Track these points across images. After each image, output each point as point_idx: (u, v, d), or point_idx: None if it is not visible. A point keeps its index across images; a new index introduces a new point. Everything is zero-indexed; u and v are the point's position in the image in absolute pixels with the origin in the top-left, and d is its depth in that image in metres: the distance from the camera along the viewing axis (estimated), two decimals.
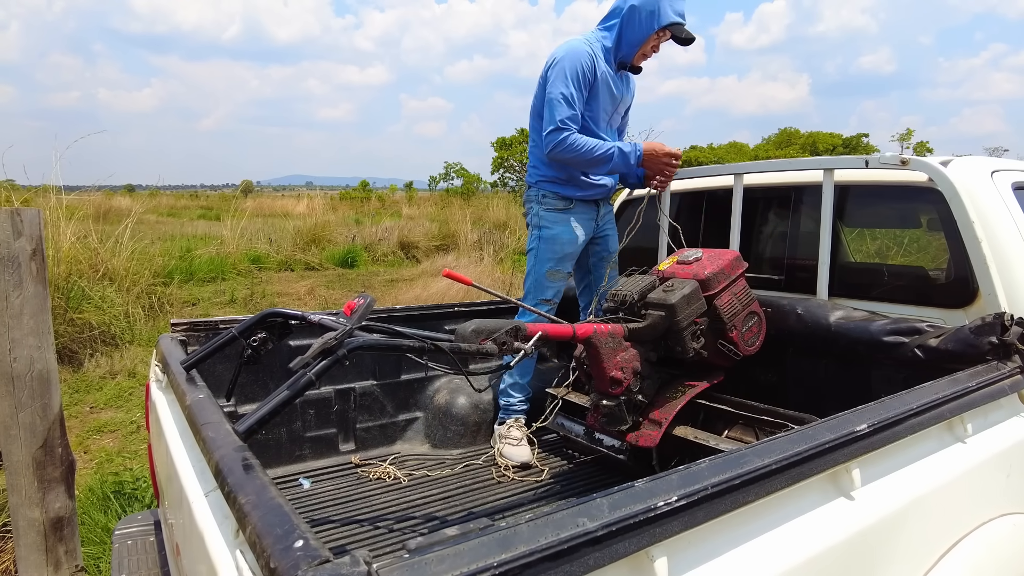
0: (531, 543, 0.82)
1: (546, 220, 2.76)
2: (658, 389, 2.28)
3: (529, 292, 2.79)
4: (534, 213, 2.80)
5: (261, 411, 1.22)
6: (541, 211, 2.77)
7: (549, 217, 2.75)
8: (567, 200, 2.76)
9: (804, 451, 1.18)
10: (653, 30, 2.64)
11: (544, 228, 2.76)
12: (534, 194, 2.81)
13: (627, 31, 2.67)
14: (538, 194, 2.79)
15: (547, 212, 2.76)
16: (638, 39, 2.68)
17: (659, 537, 0.94)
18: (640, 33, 2.66)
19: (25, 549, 2.22)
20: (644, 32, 2.65)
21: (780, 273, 2.65)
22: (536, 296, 2.75)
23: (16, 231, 2.12)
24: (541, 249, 2.76)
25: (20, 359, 2.15)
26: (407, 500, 2.32)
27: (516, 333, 1.75)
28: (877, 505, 1.28)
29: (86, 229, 6.77)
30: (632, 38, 2.68)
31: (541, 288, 2.76)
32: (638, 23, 2.64)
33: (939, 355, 1.94)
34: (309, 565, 0.77)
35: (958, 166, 2.09)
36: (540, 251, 2.77)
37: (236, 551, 0.99)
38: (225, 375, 2.27)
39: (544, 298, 2.75)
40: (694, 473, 1.04)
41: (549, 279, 2.75)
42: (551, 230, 2.75)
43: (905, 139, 27.49)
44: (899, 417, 1.37)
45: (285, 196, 32.14)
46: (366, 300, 1.50)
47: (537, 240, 2.78)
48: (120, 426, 4.44)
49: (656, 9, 2.61)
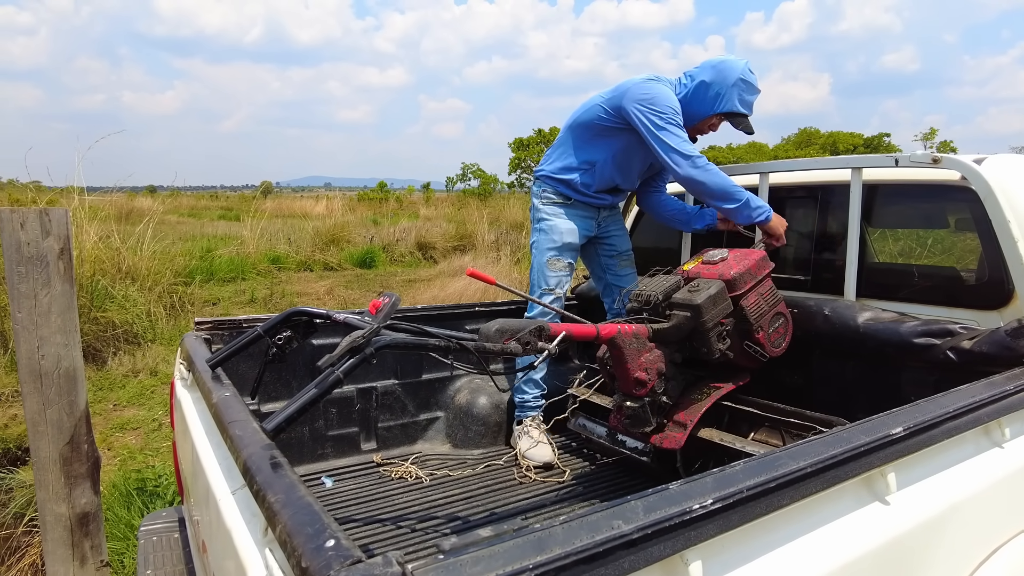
0: (566, 545, 0.80)
1: (544, 212, 2.82)
2: (683, 390, 2.26)
3: (534, 284, 2.83)
4: (534, 207, 2.89)
5: (289, 409, 1.22)
6: (540, 204, 2.84)
7: (547, 210, 2.82)
8: (565, 197, 2.80)
9: (839, 454, 1.15)
10: (714, 112, 2.60)
11: (543, 220, 2.82)
12: (536, 189, 2.89)
13: (692, 102, 2.60)
14: (539, 189, 2.86)
15: (545, 205, 2.82)
16: (698, 115, 2.62)
17: (694, 540, 0.92)
18: (701, 109, 2.60)
19: (52, 544, 2.24)
20: (706, 110, 2.60)
21: (806, 274, 2.61)
22: (540, 286, 2.78)
23: (45, 231, 2.14)
24: (540, 239, 2.82)
25: (48, 356, 2.17)
26: (429, 500, 2.31)
27: (540, 333, 1.73)
28: (913, 511, 1.26)
29: (108, 229, 6.86)
30: (692, 111, 2.61)
31: (543, 277, 2.78)
32: (703, 100, 2.59)
33: (973, 358, 1.90)
34: (342, 565, 0.76)
35: (993, 164, 2.04)
36: (539, 241, 2.83)
37: (265, 549, 0.99)
38: (249, 373, 2.28)
39: (547, 287, 2.77)
40: (729, 476, 1.02)
41: (550, 268, 2.78)
42: (549, 221, 2.81)
43: (928, 138, 27.09)
44: (935, 420, 1.34)
45: (304, 197, 32.39)
46: (391, 299, 1.49)
47: (537, 232, 2.85)
48: (142, 424, 4.49)
49: (724, 94, 2.55)
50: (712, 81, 2.55)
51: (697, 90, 2.59)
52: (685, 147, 2.49)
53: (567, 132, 2.83)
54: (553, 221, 2.80)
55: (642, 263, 2.92)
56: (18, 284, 2.11)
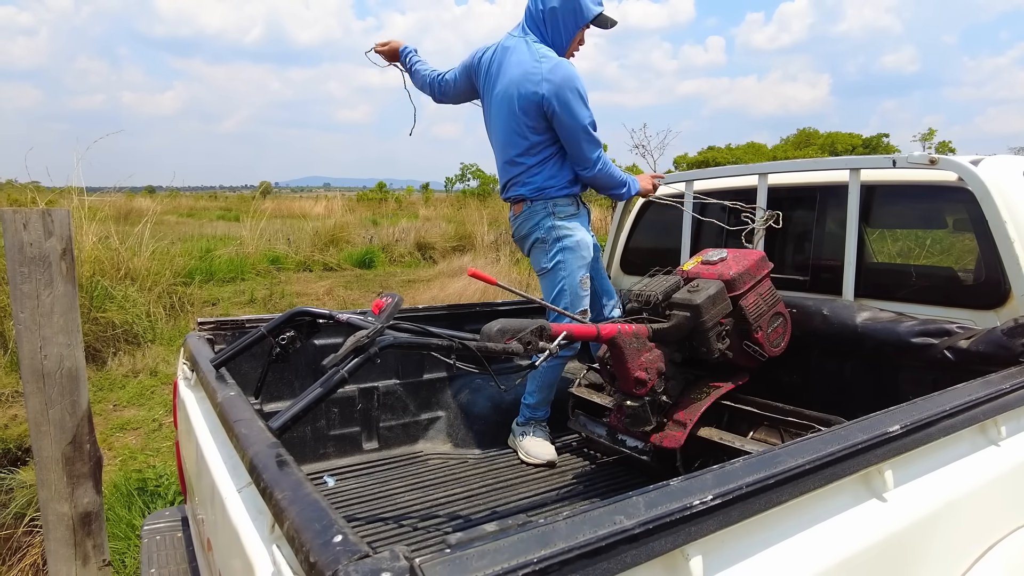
0: (569, 540, 0.82)
1: (565, 229, 2.58)
2: (682, 390, 2.27)
3: (568, 309, 2.56)
4: (548, 227, 2.58)
5: (295, 408, 1.23)
6: (556, 222, 2.58)
7: (567, 225, 2.58)
8: (575, 199, 2.65)
9: (837, 451, 1.17)
10: (579, 28, 2.55)
11: (566, 237, 2.57)
12: (541, 206, 2.59)
13: (553, 34, 2.55)
14: (547, 205, 2.58)
15: (563, 221, 2.58)
16: (565, 40, 2.56)
17: (694, 536, 0.94)
18: (567, 34, 2.55)
19: (55, 543, 2.25)
20: (571, 33, 2.55)
21: (805, 274, 2.63)
22: (574, 310, 2.58)
23: (47, 231, 2.15)
24: (568, 260, 2.57)
25: (50, 356, 2.18)
26: (431, 499, 2.32)
27: (541, 332, 1.75)
28: (910, 507, 1.27)
29: (108, 230, 6.87)
30: (558, 40, 2.55)
31: (577, 300, 2.60)
32: (563, 25, 2.53)
33: (970, 357, 1.92)
34: (349, 560, 0.78)
35: (989, 165, 2.06)
36: (568, 262, 2.57)
37: (272, 546, 1.00)
38: (251, 373, 2.29)
39: (582, 309, 2.61)
40: (728, 472, 1.03)
41: (583, 288, 2.60)
42: (573, 236, 2.57)
43: (927, 139, 27.08)
44: (932, 418, 1.35)
45: (303, 197, 32.38)
46: (394, 299, 1.51)
47: (561, 252, 2.57)
48: (143, 424, 4.50)
49: (577, 6, 2.51)
50: (561, 3, 2.51)
51: (551, 19, 2.53)
52: None
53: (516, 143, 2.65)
54: (577, 236, 2.58)
55: (642, 263, 2.93)
56: (21, 284, 2.11)
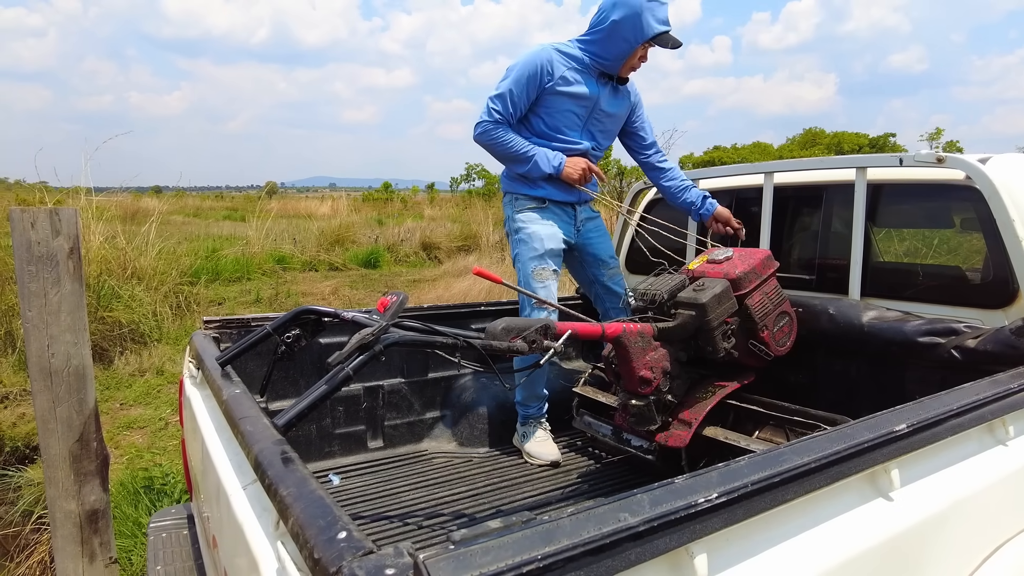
0: (574, 537, 0.81)
1: (521, 221, 2.68)
2: (688, 389, 2.27)
3: (523, 301, 2.67)
4: (508, 217, 2.74)
5: (300, 405, 1.23)
6: (515, 215, 2.70)
7: (523, 217, 2.68)
8: (540, 200, 2.69)
9: (843, 450, 1.16)
10: (639, 44, 2.56)
11: (521, 229, 2.67)
12: (508, 200, 2.75)
13: (611, 45, 2.57)
14: (511, 199, 2.73)
15: (520, 213, 2.68)
16: (623, 53, 2.58)
17: (699, 534, 0.93)
18: (625, 47, 2.57)
19: (62, 540, 2.26)
20: (629, 47, 2.56)
21: (811, 273, 2.62)
22: (529, 302, 2.62)
23: (55, 230, 2.16)
24: (521, 251, 2.67)
25: (58, 355, 2.19)
26: (436, 497, 2.32)
27: (546, 331, 1.75)
28: (916, 507, 1.26)
29: (114, 230, 6.90)
30: (616, 52, 2.58)
31: (531, 290, 2.61)
32: (622, 38, 2.55)
33: (977, 356, 1.91)
34: (354, 556, 0.78)
35: (997, 164, 2.05)
36: (521, 253, 2.67)
37: (277, 543, 1.00)
38: (256, 372, 2.30)
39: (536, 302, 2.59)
40: (734, 470, 1.03)
41: (536, 279, 2.63)
42: (527, 228, 2.66)
43: (934, 138, 26.91)
44: (939, 417, 1.34)
45: (309, 197, 32.47)
46: (399, 297, 1.51)
47: (517, 244, 2.69)
48: (149, 423, 4.52)
49: (639, 23, 2.51)
50: (623, 17, 2.51)
51: (613, 32, 2.54)
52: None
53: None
54: (531, 228, 2.65)
55: (646, 263, 2.93)
56: (28, 283, 2.13)
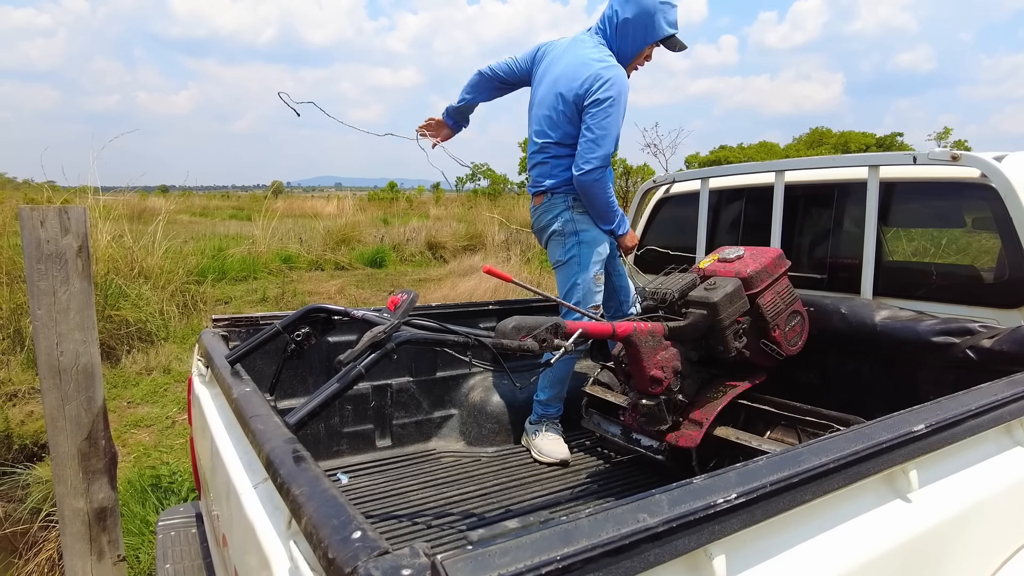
0: (592, 537, 0.80)
1: (582, 223, 2.61)
2: (699, 389, 2.25)
3: (580, 304, 2.60)
4: (566, 219, 2.62)
5: (312, 403, 1.22)
6: (575, 215, 2.61)
7: (584, 220, 2.62)
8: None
9: (861, 450, 1.15)
10: (647, 44, 2.57)
11: (583, 231, 2.61)
12: (561, 199, 2.63)
13: (620, 44, 2.57)
14: (567, 199, 2.62)
15: (581, 215, 2.61)
16: (631, 52, 2.59)
17: (718, 535, 0.92)
18: (634, 47, 2.57)
19: (70, 538, 2.26)
20: (638, 46, 2.57)
21: (822, 272, 2.60)
22: (586, 306, 2.60)
23: (64, 228, 2.16)
24: (584, 253, 2.60)
25: (67, 353, 2.19)
26: (445, 496, 2.31)
27: (556, 330, 1.74)
28: (934, 508, 1.25)
29: (121, 229, 6.91)
30: (624, 51, 2.58)
31: (590, 296, 2.62)
32: (632, 38, 2.56)
33: (993, 356, 1.89)
34: (369, 556, 0.77)
35: (1013, 161, 2.03)
36: (583, 256, 2.60)
37: (289, 542, 0.99)
38: (266, 370, 2.29)
39: (594, 304, 2.62)
40: (752, 470, 1.02)
41: (596, 284, 2.63)
42: (590, 232, 2.61)
43: (942, 137, 26.71)
44: (958, 418, 1.33)
45: (315, 197, 32.49)
46: (409, 295, 1.50)
47: (577, 246, 2.61)
48: (156, 421, 4.52)
49: (651, 23, 2.52)
50: (635, 15, 2.52)
51: (622, 30, 2.55)
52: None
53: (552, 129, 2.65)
54: (593, 232, 2.62)
55: (658, 262, 2.91)
56: (38, 281, 2.12)
